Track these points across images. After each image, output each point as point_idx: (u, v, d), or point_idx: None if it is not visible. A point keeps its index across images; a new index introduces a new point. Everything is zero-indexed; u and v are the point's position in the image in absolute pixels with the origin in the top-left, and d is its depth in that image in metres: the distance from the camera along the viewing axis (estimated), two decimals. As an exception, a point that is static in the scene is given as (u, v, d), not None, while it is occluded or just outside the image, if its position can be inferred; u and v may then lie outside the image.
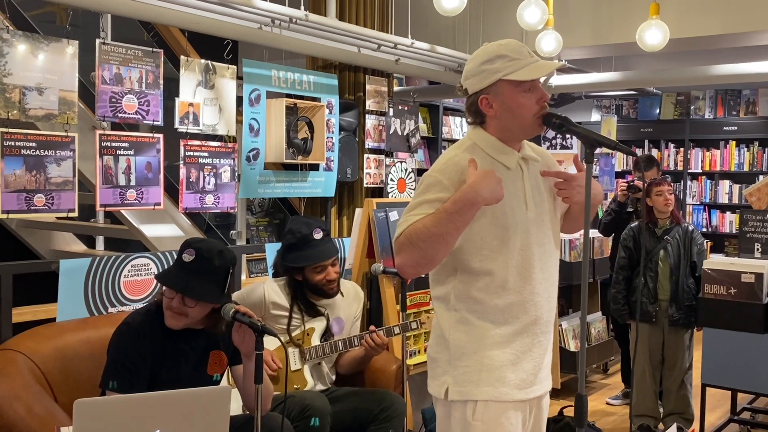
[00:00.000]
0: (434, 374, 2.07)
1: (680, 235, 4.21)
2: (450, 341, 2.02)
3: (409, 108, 5.32)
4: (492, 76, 1.97)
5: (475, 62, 2.01)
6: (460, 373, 2.00)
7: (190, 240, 2.56)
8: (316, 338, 3.23)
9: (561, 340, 5.14)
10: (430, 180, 1.98)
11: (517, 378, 2.01)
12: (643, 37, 4.45)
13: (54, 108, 3.15)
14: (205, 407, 1.82)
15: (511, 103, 1.98)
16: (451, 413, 2.02)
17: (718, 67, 5.49)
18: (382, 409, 3.14)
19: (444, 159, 2.03)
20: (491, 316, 2.00)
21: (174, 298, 2.46)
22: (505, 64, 1.96)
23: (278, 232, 6.57)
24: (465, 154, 2.00)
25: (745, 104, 8.31)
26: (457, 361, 2.01)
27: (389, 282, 3.98)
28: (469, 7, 4.40)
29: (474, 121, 2.07)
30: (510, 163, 2.03)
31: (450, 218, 1.89)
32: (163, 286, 2.50)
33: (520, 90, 1.97)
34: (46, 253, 5.43)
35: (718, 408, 4.89)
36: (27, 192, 3.06)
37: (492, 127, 2.04)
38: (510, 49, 1.98)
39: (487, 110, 2.01)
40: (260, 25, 4.00)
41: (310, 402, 2.93)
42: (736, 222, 8.21)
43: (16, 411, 2.43)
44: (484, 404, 1.98)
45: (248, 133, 4.10)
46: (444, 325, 2.05)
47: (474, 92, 2.02)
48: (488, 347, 1.99)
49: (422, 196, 1.97)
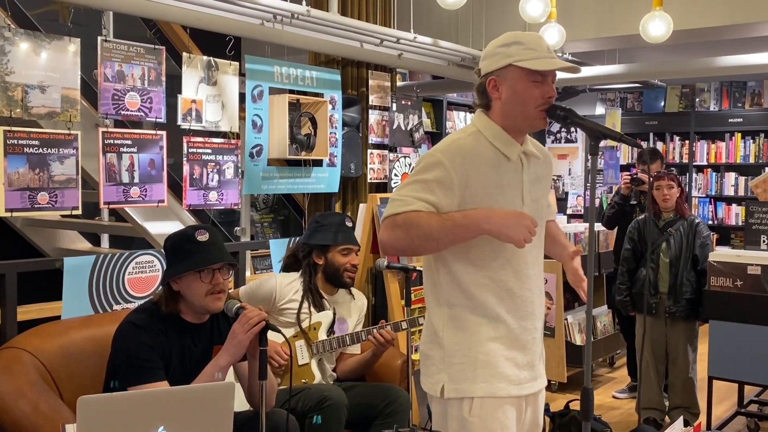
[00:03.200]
0: (429, 372, 2.07)
1: (684, 228, 4.19)
2: (444, 339, 2.02)
3: (412, 103, 5.31)
4: (504, 59, 1.98)
5: (493, 45, 2.04)
6: (456, 371, 2.00)
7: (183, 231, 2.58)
8: (323, 333, 3.23)
9: (567, 333, 5.13)
10: (432, 159, 1.97)
11: (513, 373, 2.01)
12: (646, 29, 4.43)
13: (57, 106, 3.15)
14: (209, 403, 1.82)
15: (517, 89, 1.98)
16: (447, 410, 2.03)
17: (723, 59, 5.46)
18: (387, 404, 3.13)
19: (449, 140, 2.03)
20: (484, 310, 1.99)
21: (214, 277, 2.49)
22: (520, 50, 1.97)
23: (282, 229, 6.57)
24: (470, 139, 2.01)
25: (751, 96, 8.27)
26: (452, 359, 2.00)
27: (394, 277, 3.97)
28: (471, 1, 4.39)
29: (480, 102, 2.07)
30: (511, 155, 2.03)
31: (454, 231, 1.91)
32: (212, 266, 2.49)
33: (529, 79, 1.97)
34: (51, 251, 5.44)
35: (725, 401, 4.88)
36: (30, 190, 3.06)
37: (496, 114, 2.03)
38: (529, 39, 2.00)
39: (492, 92, 2.02)
40: (262, 20, 3.99)
41: (327, 393, 2.92)
42: (742, 214, 8.18)
43: (22, 408, 2.43)
44: (480, 400, 1.98)
45: (251, 129, 4.10)
46: (436, 322, 2.05)
47: (485, 73, 2.03)
48: (482, 343, 1.99)
49: (421, 174, 1.97)
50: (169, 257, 2.58)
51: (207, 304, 2.51)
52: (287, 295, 3.24)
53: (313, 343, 3.18)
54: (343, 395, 2.99)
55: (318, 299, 3.26)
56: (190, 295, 2.51)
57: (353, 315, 3.41)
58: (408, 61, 5.05)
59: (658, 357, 4.29)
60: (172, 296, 2.53)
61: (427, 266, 2.08)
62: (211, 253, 2.50)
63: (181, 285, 2.51)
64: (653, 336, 4.27)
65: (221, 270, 2.52)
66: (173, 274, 2.51)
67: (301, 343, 3.19)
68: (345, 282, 3.30)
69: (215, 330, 2.62)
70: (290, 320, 3.22)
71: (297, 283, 3.28)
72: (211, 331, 2.62)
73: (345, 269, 3.27)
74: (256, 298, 3.23)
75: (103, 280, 3.11)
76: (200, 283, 2.49)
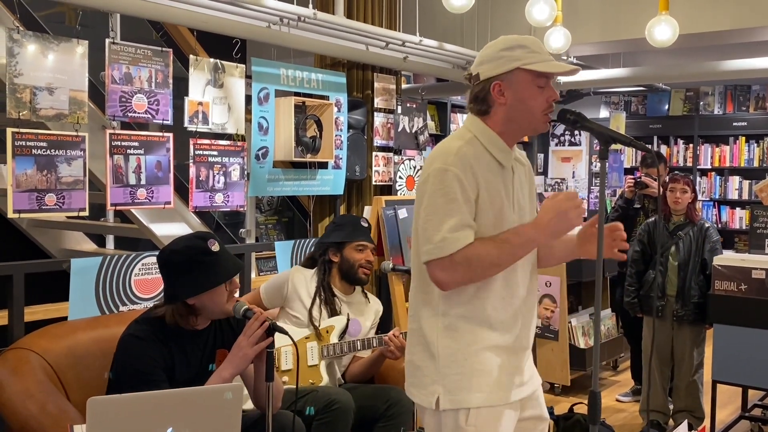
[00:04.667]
0: (420, 383, 2.00)
1: (694, 232, 4.20)
2: (439, 348, 1.97)
3: (417, 105, 5.32)
4: (511, 63, 1.93)
5: (494, 48, 1.97)
6: (451, 381, 1.95)
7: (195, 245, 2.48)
8: (335, 337, 3.24)
9: (570, 337, 5.12)
10: (448, 176, 1.90)
11: (508, 381, 1.99)
12: (652, 33, 4.43)
13: (64, 108, 3.16)
14: (217, 404, 1.83)
15: (524, 93, 1.95)
16: (442, 422, 1.97)
17: (728, 63, 5.46)
18: (388, 406, 3.13)
19: (450, 148, 1.95)
20: (479, 319, 1.96)
21: (232, 284, 2.48)
22: (526, 53, 1.94)
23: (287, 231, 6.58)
24: (469, 146, 1.95)
25: (755, 100, 8.27)
26: (447, 369, 1.95)
27: (398, 280, 3.98)
28: (477, 4, 4.40)
29: (478, 109, 2.00)
30: (506, 162, 2.00)
31: (514, 252, 1.93)
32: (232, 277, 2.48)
33: (536, 83, 1.95)
34: (57, 252, 5.45)
35: (729, 405, 4.87)
36: (38, 192, 3.08)
37: (496, 120, 1.98)
38: (531, 42, 1.98)
39: (498, 97, 1.96)
40: (269, 23, 4.00)
41: (336, 396, 2.93)
42: (746, 218, 8.17)
43: (29, 409, 2.44)
44: (476, 410, 1.94)
45: (257, 131, 4.11)
46: (429, 332, 1.99)
47: (487, 77, 1.96)
48: (478, 352, 1.96)
49: (446, 195, 1.90)
50: (182, 273, 2.42)
51: (228, 309, 2.48)
52: (299, 290, 3.27)
53: (324, 345, 3.20)
54: (351, 399, 2.99)
55: (330, 297, 3.28)
56: (212, 305, 2.44)
57: (368, 318, 3.42)
58: (413, 64, 5.07)
59: (663, 360, 4.29)
60: (186, 311, 2.44)
61: (419, 275, 2.01)
62: (230, 261, 2.49)
63: (203, 298, 2.44)
64: (659, 339, 4.28)
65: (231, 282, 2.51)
66: (200, 290, 2.41)
67: (313, 344, 3.21)
68: (359, 278, 3.33)
69: (217, 332, 2.60)
70: (300, 320, 3.23)
71: (312, 280, 3.31)
72: (214, 333, 2.59)
73: (360, 265, 3.30)
74: (270, 289, 3.32)
75: (109, 282, 3.13)
76: (224, 292, 2.45)
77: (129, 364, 2.41)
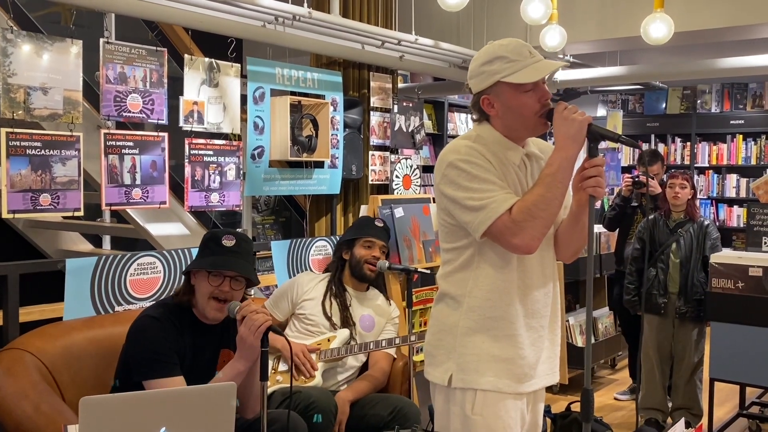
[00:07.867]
0: (436, 362, 2.08)
1: (694, 229, 4.22)
2: (458, 330, 2.03)
3: (413, 104, 5.31)
4: (491, 77, 1.98)
5: (476, 63, 2.03)
6: (465, 361, 2.02)
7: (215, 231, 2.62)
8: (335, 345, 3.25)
9: (568, 335, 5.12)
10: (465, 163, 1.96)
11: (519, 371, 2.03)
12: (647, 31, 4.43)
13: (59, 107, 3.16)
14: (210, 404, 1.82)
15: (512, 103, 1.99)
16: (450, 406, 2.04)
17: (725, 61, 5.45)
18: (393, 416, 3.13)
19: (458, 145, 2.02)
20: (498, 310, 2.01)
21: (222, 284, 2.48)
22: (504, 65, 1.96)
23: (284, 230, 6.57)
24: (475, 143, 2.01)
25: (752, 98, 8.27)
26: (464, 349, 2.02)
27: (395, 279, 3.97)
28: (472, 3, 4.40)
29: (479, 118, 2.08)
30: (515, 159, 2.05)
31: (556, 178, 1.91)
32: (221, 270, 2.48)
33: (521, 91, 1.97)
34: (54, 253, 5.44)
35: (727, 402, 4.87)
36: (33, 192, 3.07)
37: (496, 125, 2.05)
38: (510, 50, 1.98)
39: (489, 110, 2.03)
40: (264, 22, 4.00)
41: (316, 399, 2.93)
42: (743, 216, 8.17)
43: (24, 409, 2.43)
44: (483, 394, 2.00)
45: (253, 131, 4.10)
46: (452, 315, 2.05)
47: (476, 92, 2.04)
48: (494, 339, 2.01)
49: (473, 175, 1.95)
50: (199, 251, 2.61)
51: (206, 307, 2.51)
52: (306, 289, 3.33)
53: (321, 351, 3.21)
54: (333, 401, 3.01)
55: (340, 291, 3.36)
56: (198, 293, 2.53)
57: (381, 317, 3.45)
58: (409, 62, 5.06)
59: (663, 357, 4.30)
60: (188, 288, 2.56)
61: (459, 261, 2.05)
62: (227, 260, 2.50)
63: (196, 281, 2.54)
64: (660, 336, 4.28)
65: (233, 280, 2.51)
66: (190, 267, 2.56)
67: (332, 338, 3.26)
68: (365, 274, 3.38)
69: (225, 334, 2.62)
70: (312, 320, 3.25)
71: (322, 282, 3.37)
72: (221, 334, 2.61)
73: (366, 260, 3.38)
74: (275, 298, 3.38)
75: (105, 282, 3.12)
76: (207, 284, 2.49)
77: (144, 343, 2.43)
